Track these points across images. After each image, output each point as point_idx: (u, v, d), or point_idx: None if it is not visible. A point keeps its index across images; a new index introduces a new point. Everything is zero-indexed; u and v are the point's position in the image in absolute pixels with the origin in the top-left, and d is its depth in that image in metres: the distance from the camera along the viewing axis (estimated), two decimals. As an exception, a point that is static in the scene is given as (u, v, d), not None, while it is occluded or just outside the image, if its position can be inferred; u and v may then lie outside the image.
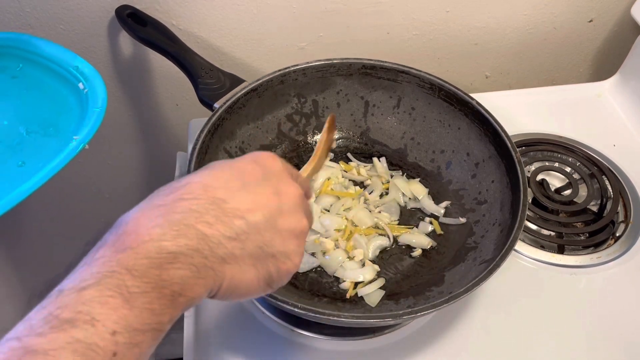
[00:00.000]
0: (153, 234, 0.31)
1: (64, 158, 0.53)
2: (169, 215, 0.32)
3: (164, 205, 0.33)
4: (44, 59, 0.65)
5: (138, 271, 0.30)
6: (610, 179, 0.72)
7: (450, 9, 0.82)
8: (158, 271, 0.30)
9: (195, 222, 0.32)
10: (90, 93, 0.60)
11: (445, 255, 0.62)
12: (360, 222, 0.64)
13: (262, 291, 0.37)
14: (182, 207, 0.33)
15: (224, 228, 0.33)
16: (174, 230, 0.32)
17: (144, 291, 0.29)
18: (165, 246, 0.31)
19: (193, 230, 0.32)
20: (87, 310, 0.28)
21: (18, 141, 0.57)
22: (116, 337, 0.28)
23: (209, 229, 0.33)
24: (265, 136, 0.69)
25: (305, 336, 0.57)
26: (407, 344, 0.57)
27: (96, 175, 0.95)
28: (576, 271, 0.64)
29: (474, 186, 0.66)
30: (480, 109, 0.64)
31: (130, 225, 0.32)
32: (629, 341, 0.58)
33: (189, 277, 0.31)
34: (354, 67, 0.69)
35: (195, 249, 0.32)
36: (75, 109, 0.60)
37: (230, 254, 0.33)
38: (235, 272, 0.34)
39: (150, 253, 0.30)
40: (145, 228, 0.32)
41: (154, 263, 0.30)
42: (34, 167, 0.52)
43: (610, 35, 0.93)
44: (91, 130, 0.56)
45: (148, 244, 0.31)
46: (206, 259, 0.32)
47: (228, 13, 0.76)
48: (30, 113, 0.61)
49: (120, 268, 0.30)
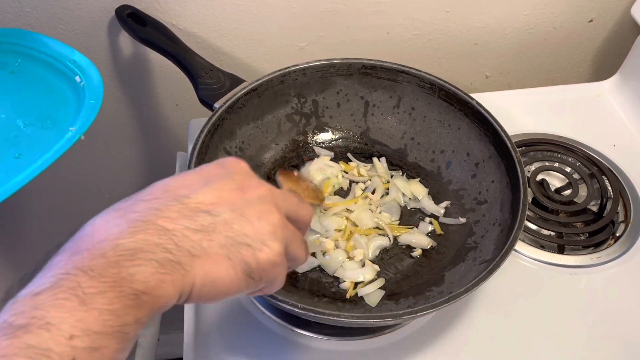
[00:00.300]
0: (109, 234, 0.30)
1: (59, 149, 0.53)
2: (126, 215, 0.32)
3: (123, 208, 0.33)
4: (42, 54, 0.65)
5: (94, 271, 0.28)
6: (610, 179, 0.72)
7: (450, 9, 0.82)
8: (116, 269, 0.29)
9: (156, 219, 0.32)
10: (87, 86, 0.61)
11: (445, 255, 0.62)
12: (361, 223, 0.64)
13: (244, 284, 0.34)
14: (141, 206, 0.32)
15: (188, 222, 0.32)
16: (132, 228, 0.31)
17: (101, 291, 0.28)
18: (122, 244, 0.30)
19: (152, 226, 0.31)
20: (41, 315, 0.27)
21: (15, 134, 0.58)
22: (74, 341, 0.26)
23: (170, 223, 0.32)
24: (265, 136, 0.69)
25: (305, 336, 0.57)
26: (407, 344, 0.57)
27: (96, 175, 0.95)
28: (576, 271, 0.64)
29: (474, 186, 0.66)
30: (480, 109, 0.64)
31: (87, 230, 0.32)
32: (629, 341, 0.58)
33: (151, 273, 0.29)
34: (354, 67, 0.69)
35: (156, 244, 0.30)
36: (72, 102, 0.60)
37: (198, 247, 0.32)
38: (208, 265, 0.32)
39: (107, 252, 0.29)
40: (102, 229, 0.31)
41: (111, 262, 0.29)
42: (30, 159, 0.53)
43: (610, 35, 0.93)
44: (86, 122, 0.56)
45: (104, 243, 0.30)
46: (170, 253, 0.31)
47: (228, 13, 0.76)
48: (28, 107, 0.61)
49: (76, 270, 0.28)
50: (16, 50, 0.66)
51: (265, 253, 0.35)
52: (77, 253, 0.30)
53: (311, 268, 0.61)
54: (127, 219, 0.31)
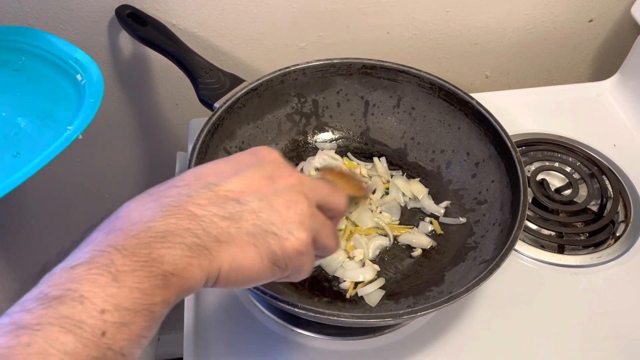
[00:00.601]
0: (143, 216, 0.32)
1: (56, 147, 0.53)
2: (160, 200, 0.33)
3: (156, 193, 0.34)
4: (45, 52, 0.65)
5: (127, 250, 0.30)
6: (610, 179, 0.72)
7: (450, 9, 0.82)
8: (147, 250, 0.30)
9: (186, 204, 0.33)
10: (88, 84, 0.61)
11: (445, 255, 0.62)
12: (362, 223, 0.64)
13: (270, 271, 0.35)
14: (173, 192, 0.34)
15: (216, 209, 0.33)
16: (164, 211, 0.32)
17: (133, 269, 0.29)
18: (154, 226, 0.31)
19: (183, 211, 0.32)
20: (75, 288, 0.28)
21: (15, 132, 0.58)
22: (105, 315, 0.27)
23: (200, 209, 0.33)
24: (265, 136, 0.69)
25: (305, 336, 0.57)
26: (407, 344, 0.57)
27: (96, 175, 0.95)
28: (576, 271, 0.64)
29: (474, 186, 0.66)
30: (480, 109, 0.64)
31: (122, 211, 0.33)
32: (629, 341, 0.58)
33: (180, 255, 0.31)
34: (354, 67, 0.69)
35: (186, 228, 0.32)
36: (73, 100, 0.61)
37: (225, 233, 0.33)
38: (235, 252, 0.33)
39: (140, 233, 0.31)
40: (136, 212, 0.32)
41: (143, 242, 0.30)
42: (28, 157, 0.53)
43: (610, 35, 0.93)
44: (85, 121, 0.56)
45: (137, 224, 0.31)
46: (198, 238, 0.32)
47: (228, 13, 0.76)
48: (29, 105, 0.61)
49: (110, 247, 0.30)
50: (20, 48, 0.66)
51: (291, 242, 0.35)
52: (112, 232, 0.31)
53: (311, 268, 0.61)
54: (160, 203, 0.33)
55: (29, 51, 0.66)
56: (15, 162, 0.54)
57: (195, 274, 0.31)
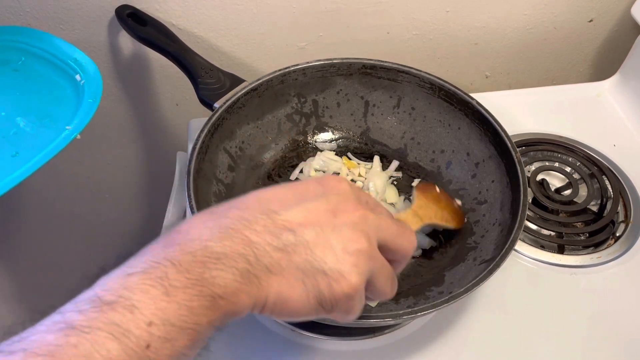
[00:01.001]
0: (202, 235, 0.32)
1: (54, 147, 0.53)
2: (219, 220, 0.33)
3: (217, 212, 0.34)
4: (45, 52, 0.65)
5: (182, 266, 0.30)
6: (610, 179, 0.72)
7: (450, 9, 0.82)
8: (201, 269, 0.30)
9: (243, 229, 0.33)
10: (87, 84, 0.61)
11: (445, 255, 0.62)
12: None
13: (314, 311, 0.35)
14: (233, 214, 0.34)
15: (271, 238, 0.33)
16: (221, 233, 0.32)
17: (185, 286, 0.29)
18: (210, 246, 0.31)
19: (240, 235, 0.32)
20: (128, 296, 0.28)
21: (14, 132, 0.58)
22: (151, 328, 0.28)
23: (256, 236, 0.33)
24: (265, 136, 0.69)
25: (305, 336, 0.57)
26: (407, 344, 0.57)
27: (96, 175, 0.95)
28: (576, 271, 0.63)
29: (474, 186, 0.66)
30: (480, 109, 0.64)
31: (182, 226, 0.33)
32: (629, 341, 0.58)
33: (231, 279, 0.31)
34: (354, 67, 0.69)
35: (240, 253, 0.32)
36: (71, 100, 0.61)
37: (276, 264, 0.33)
38: (282, 285, 0.33)
39: (196, 250, 0.31)
40: (196, 229, 0.33)
41: (198, 260, 0.30)
42: (27, 157, 0.53)
43: (610, 35, 0.93)
44: (83, 121, 0.56)
45: (195, 242, 0.31)
46: (250, 265, 0.32)
47: (228, 13, 0.76)
48: (29, 105, 0.61)
49: (166, 261, 0.30)
50: (20, 48, 0.66)
51: (340, 285, 0.34)
52: (170, 245, 0.31)
53: (311, 268, 0.61)
54: (219, 223, 0.33)
55: (28, 51, 0.66)
56: (13, 161, 0.54)
57: (242, 299, 0.32)
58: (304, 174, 0.69)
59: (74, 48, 0.65)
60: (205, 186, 0.59)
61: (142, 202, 1.02)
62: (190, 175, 0.56)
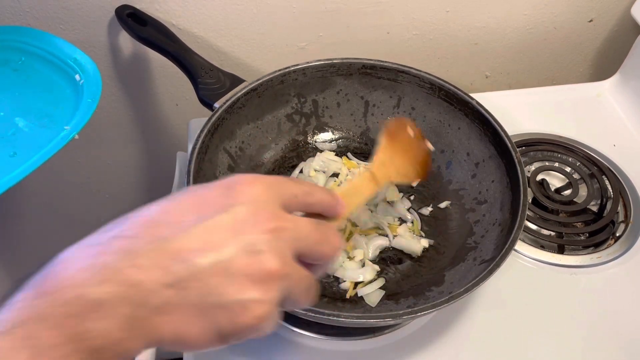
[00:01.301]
0: (76, 278, 0.28)
1: (52, 147, 0.53)
2: (99, 256, 0.29)
3: (99, 244, 0.30)
4: (45, 52, 0.65)
5: (53, 321, 0.26)
6: (610, 179, 0.72)
7: (450, 9, 0.82)
8: (76, 321, 0.27)
9: (127, 266, 0.28)
10: (86, 84, 0.60)
11: (445, 255, 0.62)
12: (361, 223, 0.64)
13: (219, 344, 0.31)
14: (116, 246, 0.29)
15: (160, 273, 0.29)
16: (100, 275, 0.28)
17: (56, 344, 0.26)
18: (86, 293, 0.27)
19: (122, 275, 0.28)
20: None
21: (13, 132, 0.58)
22: None
23: (142, 274, 0.28)
24: (265, 136, 0.69)
25: (305, 336, 0.57)
26: (407, 344, 0.57)
27: (96, 175, 0.95)
28: (576, 271, 0.63)
29: (474, 186, 0.66)
30: (480, 109, 0.64)
31: (57, 266, 0.29)
32: (629, 341, 0.58)
33: (112, 329, 0.27)
34: (354, 67, 0.69)
35: (123, 297, 0.28)
36: (71, 101, 0.60)
37: (167, 304, 0.29)
38: (177, 324, 0.29)
39: (70, 300, 0.27)
40: (70, 271, 0.28)
41: (72, 311, 0.27)
42: (25, 157, 0.52)
43: (610, 35, 0.93)
44: (81, 121, 0.55)
45: (68, 289, 0.27)
46: (136, 309, 0.28)
47: (228, 13, 0.76)
48: (28, 105, 0.61)
49: (35, 316, 0.27)
50: (20, 48, 0.66)
51: (244, 318, 0.30)
52: (40, 295, 0.27)
53: (311, 268, 0.61)
54: (98, 261, 0.28)
55: (28, 51, 0.66)
56: (12, 161, 0.54)
57: (129, 345, 0.28)
58: (304, 174, 0.69)
59: (74, 48, 0.65)
60: (205, 186, 0.59)
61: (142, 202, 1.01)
62: (190, 175, 0.56)
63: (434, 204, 0.67)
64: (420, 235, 0.64)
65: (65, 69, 0.63)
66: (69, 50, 0.64)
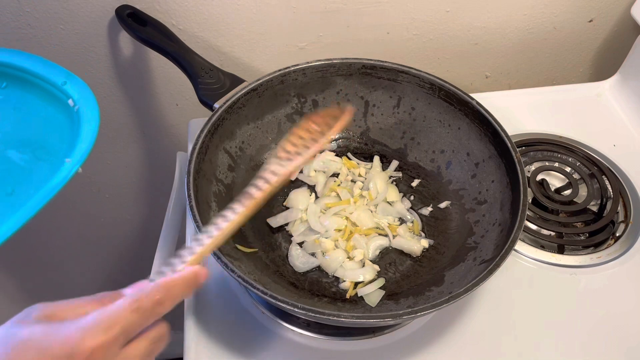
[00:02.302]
0: None
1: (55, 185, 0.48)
2: None
3: None
4: (29, 75, 0.60)
5: None
6: (610, 179, 0.72)
7: (450, 9, 0.82)
8: None
9: None
10: (82, 110, 0.55)
11: (445, 255, 0.62)
12: (361, 223, 0.64)
13: None
14: None
15: None
16: None
17: None
18: None
19: None
20: None
21: (6, 167, 0.52)
22: None
23: None
24: (265, 136, 0.69)
25: (305, 336, 0.57)
26: (407, 344, 0.57)
27: (96, 175, 0.95)
28: (576, 271, 0.64)
29: (474, 186, 0.66)
30: (480, 109, 0.64)
31: None
32: (629, 341, 0.58)
33: None
34: (354, 67, 0.69)
35: None
36: (65, 129, 0.55)
37: None
38: None
39: None
40: None
41: None
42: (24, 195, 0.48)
43: (610, 35, 0.93)
44: (85, 152, 0.51)
45: None
46: None
47: (228, 13, 0.76)
48: (18, 135, 0.56)
49: None
50: (1, 72, 0.60)
51: None
52: None
53: (311, 268, 0.61)
54: None
55: (10, 75, 0.60)
56: (10, 200, 0.49)
57: None
58: (304, 174, 0.69)
59: (62, 69, 0.59)
60: (205, 186, 0.59)
61: (142, 202, 1.02)
62: (190, 175, 0.56)
63: (434, 204, 0.67)
64: (420, 235, 0.64)
65: (55, 93, 0.58)
66: (56, 72, 0.59)
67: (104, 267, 1.15)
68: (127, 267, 1.15)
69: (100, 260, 1.13)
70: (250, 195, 0.43)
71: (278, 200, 0.67)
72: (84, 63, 0.78)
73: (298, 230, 0.63)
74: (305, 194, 0.66)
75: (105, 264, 1.14)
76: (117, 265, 1.15)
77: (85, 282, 1.16)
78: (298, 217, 0.64)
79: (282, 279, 0.59)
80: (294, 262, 0.61)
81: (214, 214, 0.58)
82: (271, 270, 0.59)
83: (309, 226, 0.63)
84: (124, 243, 1.10)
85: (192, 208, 0.54)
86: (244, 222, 0.42)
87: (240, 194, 0.44)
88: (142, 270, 0.86)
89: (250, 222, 0.63)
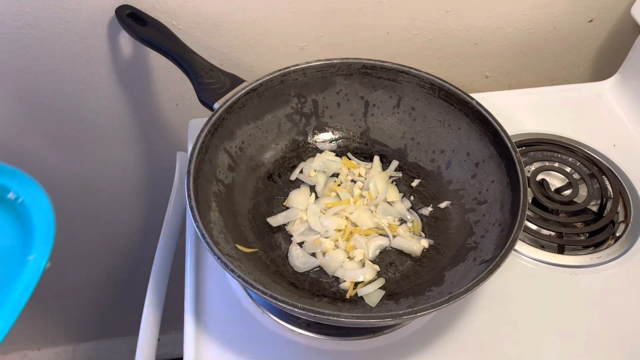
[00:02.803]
0: None
1: (25, 287, 0.43)
2: None
3: None
4: None
5: None
6: (610, 179, 0.72)
7: (450, 8, 0.82)
8: None
9: None
10: (28, 201, 0.50)
11: (445, 255, 0.62)
12: (361, 223, 0.64)
13: None
14: None
15: None
16: None
17: None
18: None
19: None
20: None
21: None
22: None
23: None
24: (265, 136, 0.69)
25: (305, 336, 0.57)
26: (407, 344, 0.57)
27: (96, 175, 0.95)
28: (576, 271, 0.64)
29: (474, 186, 0.66)
30: (480, 109, 0.64)
31: None
32: (630, 341, 0.58)
33: None
34: (354, 67, 0.69)
35: None
36: (9, 224, 0.49)
37: None
38: None
39: None
40: None
41: None
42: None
43: (610, 35, 0.93)
44: (48, 243, 0.46)
45: None
46: None
47: (228, 13, 0.76)
48: None
49: None
50: None
51: None
52: None
53: (311, 268, 0.61)
54: None
55: None
56: None
57: None
58: (304, 174, 0.69)
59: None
60: (205, 186, 0.59)
61: (142, 202, 1.02)
62: (190, 175, 0.56)
63: (434, 204, 0.67)
64: (420, 236, 0.64)
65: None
66: None
67: (104, 267, 1.15)
68: (127, 267, 1.15)
69: (100, 260, 1.13)
70: None
71: (278, 200, 0.67)
72: (84, 63, 0.78)
73: (298, 230, 0.63)
74: (305, 194, 0.67)
75: (105, 264, 1.14)
76: (117, 265, 1.15)
77: (85, 282, 1.16)
78: (298, 217, 0.64)
79: (282, 279, 0.59)
80: (293, 262, 0.61)
81: (214, 214, 0.58)
82: (271, 270, 0.59)
83: (309, 226, 0.63)
84: (124, 243, 1.10)
85: (192, 208, 0.54)
86: None
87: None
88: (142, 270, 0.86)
89: (250, 222, 0.63)
